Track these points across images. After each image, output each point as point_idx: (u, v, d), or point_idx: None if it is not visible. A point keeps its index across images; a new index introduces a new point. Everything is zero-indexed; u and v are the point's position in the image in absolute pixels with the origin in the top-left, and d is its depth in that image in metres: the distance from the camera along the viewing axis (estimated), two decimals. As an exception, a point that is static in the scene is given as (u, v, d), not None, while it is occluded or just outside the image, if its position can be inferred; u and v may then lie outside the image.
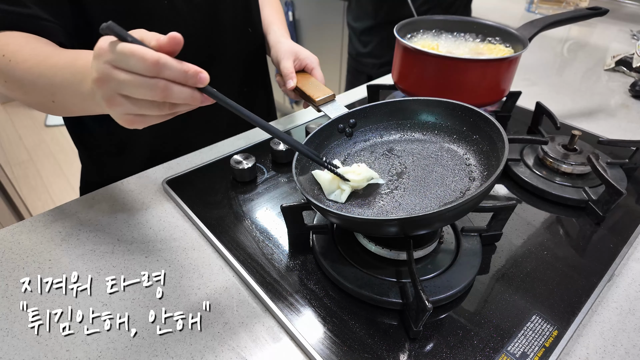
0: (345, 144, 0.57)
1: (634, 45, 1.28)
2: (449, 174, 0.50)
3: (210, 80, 0.36)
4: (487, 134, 0.49)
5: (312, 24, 2.23)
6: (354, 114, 0.57)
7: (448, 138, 0.55)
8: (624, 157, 0.68)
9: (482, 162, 0.50)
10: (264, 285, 0.47)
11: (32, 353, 0.41)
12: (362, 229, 0.49)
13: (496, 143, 0.47)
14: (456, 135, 0.54)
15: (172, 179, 0.63)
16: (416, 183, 0.49)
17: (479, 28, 0.84)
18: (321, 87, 0.63)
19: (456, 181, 0.49)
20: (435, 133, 0.56)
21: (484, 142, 0.50)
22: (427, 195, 0.47)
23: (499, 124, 0.47)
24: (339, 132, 0.57)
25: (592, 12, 0.78)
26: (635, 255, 0.54)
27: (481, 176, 0.48)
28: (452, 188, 0.48)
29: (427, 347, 0.42)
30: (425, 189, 0.49)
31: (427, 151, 0.54)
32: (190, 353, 0.41)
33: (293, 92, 0.66)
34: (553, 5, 1.60)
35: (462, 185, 0.48)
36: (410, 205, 0.47)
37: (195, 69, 0.35)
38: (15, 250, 0.51)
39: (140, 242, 0.53)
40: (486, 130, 0.49)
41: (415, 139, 0.57)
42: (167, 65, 0.34)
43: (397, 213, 0.46)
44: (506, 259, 0.52)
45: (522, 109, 0.86)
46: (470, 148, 0.52)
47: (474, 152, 0.52)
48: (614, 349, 0.43)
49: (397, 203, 0.47)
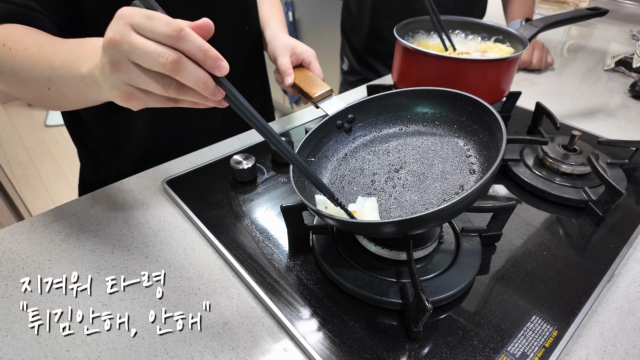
0: (345, 140, 0.57)
1: (633, 45, 1.28)
2: (449, 167, 0.49)
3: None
4: (486, 123, 0.49)
5: (312, 24, 2.23)
6: (352, 108, 0.57)
7: (448, 129, 0.54)
8: (623, 157, 0.68)
9: (482, 154, 0.49)
10: (263, 285, 0.47)
11: (32, 353, 0.41)
12: (358, 231, 0.49)
13: (495, 133, 0.47)
14: (456, 126, 0.53)
15: (172, 179, 0.63)
16: (415, 178, 0.49)
17: (479, 28, 0.84)
18: (319, 83, 0.63)
19: (456, 174, 0.48)
20: (436, 124, 0.55)
21: (483, 132, 0.50)
22: (426, 191, 0.47)
23: (496, 112, 0.46)
24: (338, 128, 0.57)
25: (592, 12, 0.78)
26: (635, 256, 0.54)
27: (481, 168, 0.48)
28: (451, 182, 0.47)
29: (426, 347, 0.42)
30: (425, 184, 0.48)
31: (427, 143, 0.54)
32: (190, 353, 0.41)
33: (291, 89, 0.66)
34: (553, 6, 1.60)
35: (462, 179, 0.48)
36: (410, 202, 0.47)
37: (217, 53, 0.33)
38: (15, 251, 0.51)
39: (140, 242, 0.53)
40: (485, 119, 0.49)
41: (415, 131, 0.56)
42: (189, 36, 0.32)
43: (395, 212, 0.46)
44: (506, 259, 0.52)
45: (522, 109, 0.86)
46: (471, 139, 0.52)
47: (475, 143, 0.51)
48: (613, 349, 0.43)
49: (397, 202, 0.47)
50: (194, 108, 0.38)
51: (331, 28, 2.06)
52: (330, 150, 0.55)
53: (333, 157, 0.56)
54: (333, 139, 0.56)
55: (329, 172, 0.54)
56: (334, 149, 0.56)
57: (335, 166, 0.55)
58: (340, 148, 0.56)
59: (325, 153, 0.55)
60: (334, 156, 0.55)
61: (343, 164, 0.55)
